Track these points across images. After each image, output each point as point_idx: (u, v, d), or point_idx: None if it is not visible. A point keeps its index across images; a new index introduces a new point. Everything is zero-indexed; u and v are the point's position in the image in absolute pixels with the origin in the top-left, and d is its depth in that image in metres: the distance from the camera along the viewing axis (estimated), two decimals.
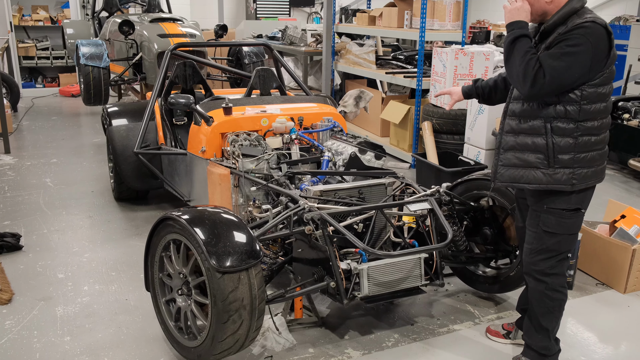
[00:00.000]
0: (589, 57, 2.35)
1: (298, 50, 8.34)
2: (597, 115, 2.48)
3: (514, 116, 2.59)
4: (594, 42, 2.34)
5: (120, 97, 8.61)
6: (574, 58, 2.34)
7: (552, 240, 2.56)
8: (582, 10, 2.47)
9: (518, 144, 2.57)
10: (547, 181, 2.50)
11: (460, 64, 5.61)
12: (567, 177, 2.49)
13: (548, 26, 2.49)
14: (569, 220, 2.54)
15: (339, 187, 3.13)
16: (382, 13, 6.87)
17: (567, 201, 2.53)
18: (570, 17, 2.45)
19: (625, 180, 6.15)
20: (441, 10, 6.11)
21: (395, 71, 6.80)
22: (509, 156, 2.61)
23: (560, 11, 2.47)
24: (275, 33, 9.67)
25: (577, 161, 2.49)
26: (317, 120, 3.96)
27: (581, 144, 2.47)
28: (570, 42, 2.35)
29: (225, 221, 2.54)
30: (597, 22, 2.37)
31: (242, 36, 10.42)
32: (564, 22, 2.45)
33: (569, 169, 2.49)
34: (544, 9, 2.51)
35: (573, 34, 2.36)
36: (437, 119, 5.74)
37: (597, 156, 2.54)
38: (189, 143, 4.01)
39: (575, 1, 2.48)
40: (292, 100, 4.33)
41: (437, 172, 5.07)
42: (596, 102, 2.46)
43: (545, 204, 2.55)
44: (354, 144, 3.47)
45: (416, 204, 2.96)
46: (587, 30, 2.35)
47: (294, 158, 3.62)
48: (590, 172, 2.53)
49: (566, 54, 2.35)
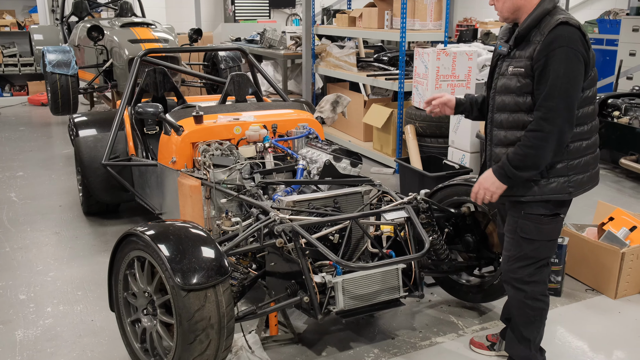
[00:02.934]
0: (579, 62, 2.37)
1: (277, 53, 8.36)
2: (586, 120, 2.51)
3: (501, 128, 2.59)
4: (575, 46, 2.37)
5: (92, 105, 8.57)
6: (568, 74, 2.36)
7: (530, 246, 2.57)
8: (555, 11, 2.49)
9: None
10: (541, 192, 2.50)
11: (443, 64, 5.64)
12: (563, 185, 2.50)
13: (522, 30, 2.51)
14: (547, 225, 2.55)
15: (313, 197, 3.12)
16: (362, 14, 6.91)
17: (545, 206, 2.54)
18: (543, 18, 2.47)
19: (617, 179, 6.21)
20: (422, 9, 6.15)
21: (376, 73, 6.83)
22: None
23: (533, 13, 2.49)
24: (254, 36, 9.68)
25: (571, 168, 2.50)
26: (292, 127, 3.96)
27: (573, 150, 2.49)
28: (556, 61, 2.35)
29: (191, 236, 2.53)
30: (570, 22, 2.39)
31: (219, 39, 10.42)
32: (537, 25, 2.48)
33: (563, 177, 2.50)
34: (516, 5, 2.53)
35: (553, 52, 2.35)
36: (420, 122, 5.76)
37: (590, 160, 2.56)
38: (159, 153, 4.00)
39: (547, 2, 2.50)
40: (266, 106, 4.33)
41: (420, 177, 5.08)
42: (584, 107, 2.48)
43: (523, 210, 2.56)
44: (328, 152, 3.47)
45: (392, 212, 2.97)
46: (564, 38, 2.35)
47: (268, 167, 3.61)
48: (586, 177, 2.55)
49: (560, 77, 2.35)
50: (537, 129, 2.40)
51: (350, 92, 7.67)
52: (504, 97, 2.55)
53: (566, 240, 3.69)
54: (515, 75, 2.50)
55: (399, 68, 6.14)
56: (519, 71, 2.48)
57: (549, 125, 2.38)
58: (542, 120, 2.39)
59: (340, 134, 7.59)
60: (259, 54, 9.10)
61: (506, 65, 2.56)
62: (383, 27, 6.58)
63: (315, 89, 8.17)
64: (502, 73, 2.58)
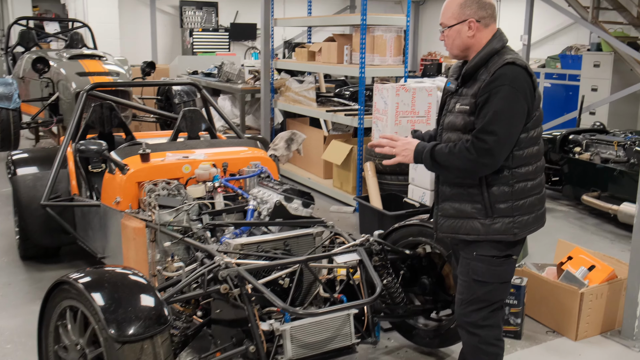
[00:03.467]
0: (521, 102, 2.46)
1: (235, 87, 8.42)
2: (530, 160, 2.58)
3: None
4: (520, 86, 2.45)
5: (37, 140, 8.43)
6: (508, 112, 2.44)
7: (483, 289, 2.60)
8: (503, 51, 2.59)
9: (454, 194, 2.64)
10: (485, 232, 2.56)
11: (402, 100, 5.76)
12: (507, 226, 2.55)
13: (469, 68, 2.60)
14: (499, 267, 2.60)
15: (262, 239, 3.12)
16: (321, 48, 7.04)
17: (497, 248, 2.59)
18: (491, 58, 2.57)
19: (579, 216, 6.36)
20: (381, 44, 6.30)
21: (336, 109, 6.92)
22: (446, 207, 2.68)
23: (481, 52, 2.59)
24: (212, 69, 9.75)
25: (516, 209, 2.56)
26: (244, 166, 3.96)
27: (518, 190, 2.56)
28: (497, 97, 2.44)
29: (128, 283, 2.48)
30: (517, 63, 2.49)
31: (176, 73, 10.45)
32: (484, 64, 2.57)
33: (508, 218, 2.55)
34: (465, 44, 2.63)
35: (497, 88, 2.44)
36: (380, 159, 5.84)
37: (535, 201, 2.62)
38: (103, 193, 3.94)
39: (495, 41, 2.60)
40: (218, 144, 4.33)
41: (380, 216, 5.12)
42: (528, 147, 2.56)
43: (475, 251, 2.61)
44: (280, 192, 3.48)
45: (344, 255, 2.97)
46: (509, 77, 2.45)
47: (217, 208, 3.59)
48: (531, 218, 2.61)
49: (498, 112, 2.44)
50: (468, 148, 2.48)
51: (311, 127, 7.74)
52: (450, 134, 2.62)
53: (525, 280, 3.75)
54: (461, 113, 2.58)
55: (359, 103, 6.25)
56: (465, 109, 2.56)
57: (476, 155, 2.46)
58: (472, 146, 2.48)
59: (300, 171, 7.62)
60: (217, 87, 9.15)
61: (454, 102, 2.65)
62: (342, 62, 6.71)
63: (275, 124, 8.22)
64: (449, 110, 2.67)
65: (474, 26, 2.58)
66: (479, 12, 2.58)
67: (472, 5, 2.58)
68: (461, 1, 2.60)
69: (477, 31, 2.59)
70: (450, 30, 2.63)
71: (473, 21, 2.58)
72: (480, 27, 2.59)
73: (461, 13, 2.59)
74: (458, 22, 2.60)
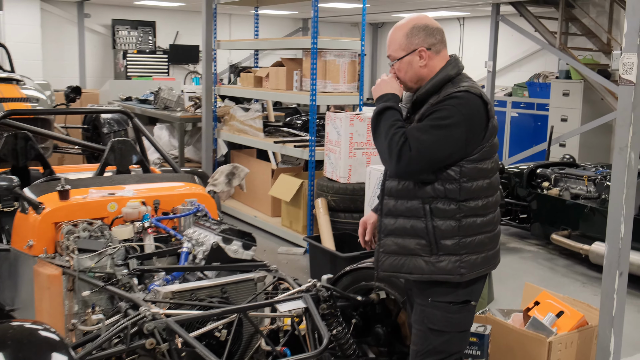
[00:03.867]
0: (463, 130, 2.52)
1: (173, 115, 8.39)
2: (480, 194, 2.64)
3: (391, 196, 2.71)
4: (468, 113, 2.53)
5: None
6: (445, 132, 2.50)
7: (439, 339, 2.63)
8: (458, 78, 2.67)
9: (397, 228, 2.67)
10: (430, 270, 2.60)
11: (357, 131, 5.84)
12: (454, 265, 2.59)
13: (420, 95, 2.67)
14: (457, 315, 2.63)
15: (196, 286, 3.09)
16: (268, 73, 7.10)
17: (453, 293, 2.62)
18: (444, 85, 2.64)
19: (549, 257, 6.51)
20: (334, 70, 6.41)
21: (285, 140, 6.97)
22: (388, 242, 2.71)
23: (434, 78, 2.66)
24: (148, 95, 9.70)
25: (463, 246, 2.61)
26: (179, 203, 3.93)
27: (465, 226, 2.60)
28: (441, 114, 2.52)
29: (37, 340, 2.40)
30: (471, 91, 2.57)
31: (107, 99, 10.36)
32: (437, 91, 2.64)
33: (454, 256, 2.60)
34: (418, 74, 2.70)
35: (444, 105, 2.53)
36: (333, 195, 5.88)
37: (486, 240, 2.67)
38: (14, 236, 3.84)
39: (450, 67, 2.69)
40: (150, 179, 4.29)
41: (332, 258, 5.13)
42: (477, 179, 2.62)
43: (429, 297, 2.64)
44: (217, 232, 3.46)
45: (288, 302, 2.96)
46: (460, 101, 2.53)
47: (146, 251, 3.54)
48: (480, 258, 2.65)
49: (436, 127, 2.51)
50: (400, 138, 2.54)
51: (257, 160, 7.77)
52: None
53: (488, 329, 3.79)
54: None
55: (310, 134, 6.31)
56: None
57: (398, 150, 2.53)
58: (403, 140, 2.53)
59: (245, 208, 7.60)
60: (153, 115, 9.10)
61: None
62: (292, 88, 6.78)
63: (218, 157, 8.20)
64: None
65: (425, 55, 2.66)
66: (427, 39, 2.66)
67: (419, 33, 2.66)
68: (407, 30, 2.68)
69: (429, 60, 2.67)
70: (400, 62, 2.71)
71: (423, 50, 2.66)
72: (431, 55, 2.67)
73: (409, 43, 2.67)
74: (407, 53, 2.68)
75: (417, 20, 2.69)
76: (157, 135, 8.81)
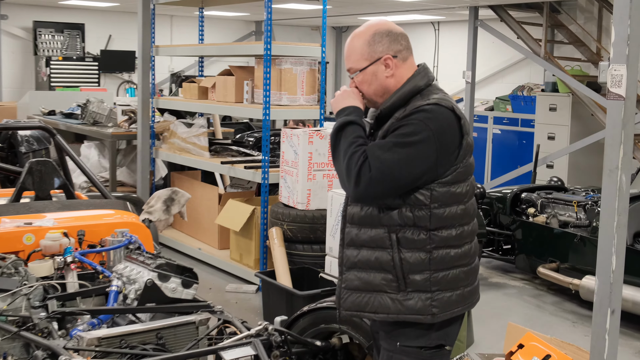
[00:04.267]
0: (432, 148, 2.55)
1: (104, 132, 8.34)
2: (453, 222, 2.67)
3: (353, 224, 2.73)
4: (438, 129, 2.56)
5: None
6: (411, 150, 2.53)
7: None
8: (428, 90, 2.71)
9: (360, 260, 2.69)
10: (397, 310, 2.61)
11: (317, 149, 5.88)
12: (424, 304, 2.61)
13: (385, 108, 2.70)
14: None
15: (127, 331, 3.05)
16: (215, 83, 7.11)
17: (425, 336, 2.64)
18: (412, 97, 2.68)
19: (536, 293, 6.61)
20: (290, 80, 6.45)
21: (234, 160, 6.97)
22: (351, 276, 2.72)
23: (401, 90, 2.69)
24: (74, 109, 9.64)
25: (435, 282, 2.62)
26: (107, 234, 3.91)
27: (437, 259, 2.63)
28: (406, 130, 2.55)
29: None
30: (442, 104, 2.60)
31: (26, 113, 10.25)
32: (404, 104, 2.67)
33: (425, 294, 2.61)
34: (385, 86, 2.73)
35: (410, 120, 2.56)
36: (290, 224, 5.89)
37: (461, 274, 2.70)
38: None
39: (418, 77, 2.72)
40: (74, 206, 4.28)
41: (288, 296, 5.13)
42: (451, 205, 2.65)
43: (397, 341, 2.65)
44: (152, 268, 3.43)
45: (235, 349, 2.95)
46: (428, 115, 2.56)
47: (69, 290, 3.50)
48: (455, 295, 2.67)
49: (400, 144, 2.54)
50: (360, 158, 2.56)
51: (202, 184, 7.75)
52: None
53: None
54: None
55: (263, 153, 6.32)
56: None
57: (357, 170, 2.55)
58: (362, 159, 2.56)
59: (187, 239, 7.56)
60: (80, 132, 9.03)
61: None
62: (242, 100, 6.80)
63: (156, 180, 8.14)
64: None
65: (392, 63, 2.70)
66: (392, 45, 2.70)
67: (383, 39, 2.70)
68: (368, 37, 2.72)
69: (395, 68, 2.71)
70: (363, 74, 2.74)
71: (389, 57, 2.70)
72: (398, 63, 2.71)
73: (372, 51, 2.71)
74: (371, 62, 2.72)
75: (378, 26, 2.73)
76: (85, 155, 8.72)
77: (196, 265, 6.70)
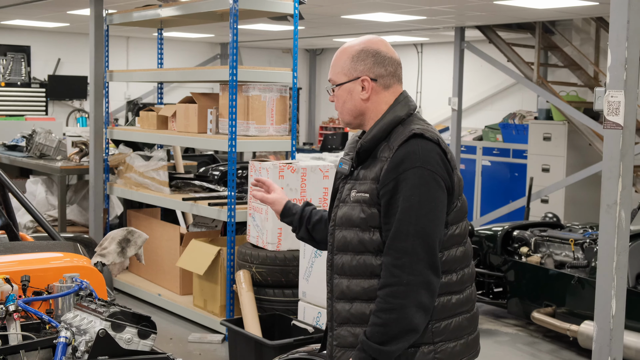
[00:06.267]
0: (439, 186, 2.58)
1: (52, 166, 8.29)
2: (455, 266, 2.69)
3: (343, 275, 2.71)
4: (434, 165, 2.58)
5: None
6: (425, 205, 2.55)
7: None
8: (409, 119, 2.73)
9: (353, 315, 2.67)
10: None
11: (288, 184, 5.90)
12: (427, 357, 2.61)
13: (366, 143, 2.71)
14: None
15: None
16: (175, 112, 7.14)
17: None
18: (394, 129, 2.71)
19: (531, 341, 6.64)
20: (259, 109, 6.49)
21: (197, 196, 6.96)
22: (343, 333, 2.70)
23: (380, 122, 2.71)
24: (18, 140, 9.60)
25: (437, 333, 2.63)
26: (55, 280, 3.89)
27: (439, 307, 2.63)
28: (408, 190, 2.55)
29: None
30: (426, 136, 2.63)
31: None
32: (386, 137, 2.70)
33: (427, 346, 2.62)
34: (359, 108, 2.76)
35: (409, 172, 2.56)
36: (259, 266, 5.89)
37: (465, 322, 2.70)
38: None
39: (398, 107, 2.74)
40: (18, 248, 4.26)
41: (258, 347, 5.11)
42: (450, 248, 2.67)
43: None
44: (105, 316, 3.42)
45: None
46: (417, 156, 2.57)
47: (11, 343, 3.47)
48: (459, 345, 2.68)
49: (414, 209, 2.55)
50: (391, 282, 2.54)
51: (162, 222, 7.72)
52: (345, 232, 2.70)
53: None
54: (358, 203, 2.67)
55: (228, 189, 6.33)
56: (364, 197, 2.65)
57: (406, 274, 2.53)
58: (395, 269, 2.54)
59: (145, 284, 7.51)
60: (26, 166, 8.98)
61: (348, 188, 2.74)
62: (206, 131, 6.82)
63: (110, 219, 8.10)
64: (343, 199, 2.75)
65: (368, 86, 2.73)
66: (375, 68, 2.73)
67: (367, 59, 2.73)
68: (353, 53, 2.75)
69: (372, 93, 2.73)
70: (339, 89, 2.78)
71: (367, 80, 2.73)
72: (377, 88, 2.74)
73: (352, 68, 2.74)
74: (349, 79, 2.75)
75: (369, 44, 2.76)
76: (30, 191, 8.67)
77: (155, 313, 6.68)
